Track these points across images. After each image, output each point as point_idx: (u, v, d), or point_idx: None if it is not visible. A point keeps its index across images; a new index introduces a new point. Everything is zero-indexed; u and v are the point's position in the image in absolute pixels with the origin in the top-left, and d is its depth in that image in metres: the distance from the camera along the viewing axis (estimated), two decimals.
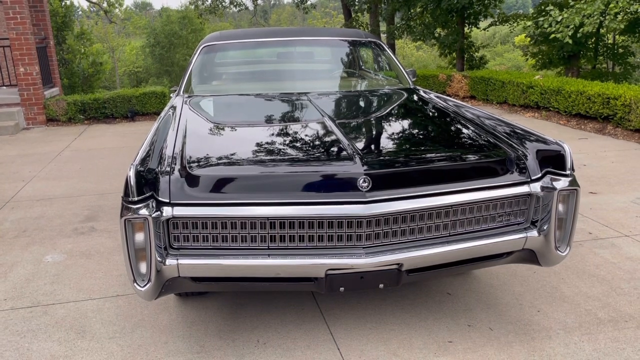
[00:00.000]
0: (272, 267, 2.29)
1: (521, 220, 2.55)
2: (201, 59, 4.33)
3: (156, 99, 10.38)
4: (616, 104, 7.60)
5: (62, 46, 15.55)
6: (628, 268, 3.43)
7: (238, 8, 21.71)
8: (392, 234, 2.35)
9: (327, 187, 2.31)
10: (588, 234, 3.98)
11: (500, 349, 2.61)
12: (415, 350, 2.62)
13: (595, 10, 8.49)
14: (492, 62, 29.08)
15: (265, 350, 2.65)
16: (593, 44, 14.54)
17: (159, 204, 2.24)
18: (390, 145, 2.82)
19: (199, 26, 32.20)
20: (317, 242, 2.33)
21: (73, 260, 3.77)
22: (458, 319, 2.89)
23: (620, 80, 13.79)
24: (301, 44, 4.68)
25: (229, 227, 2.31)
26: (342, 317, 2.93)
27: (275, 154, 2.65)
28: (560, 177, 2.49)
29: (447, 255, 2.40)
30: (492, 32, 32.72)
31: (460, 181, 2.42)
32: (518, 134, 2.79)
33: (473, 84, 11.42)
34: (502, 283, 3.27)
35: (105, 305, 3.13)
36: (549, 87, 9.00)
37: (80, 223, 4.51)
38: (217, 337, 2.77)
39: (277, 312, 2.99)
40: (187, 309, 3.05)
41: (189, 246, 2.34)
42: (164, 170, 2.35)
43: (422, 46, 32.68)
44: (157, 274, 2.25)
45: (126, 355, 2.64)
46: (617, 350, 2.58)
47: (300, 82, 4.27)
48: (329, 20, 43.57)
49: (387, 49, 4.67)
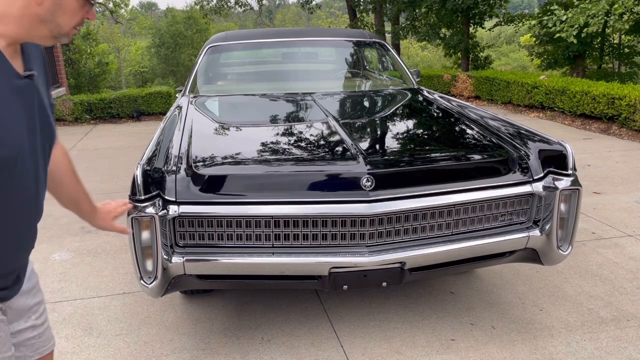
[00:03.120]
0: (276, 265, 2.32)
1: (523, 220, 2.57)
2: (207, 59, 4.37)
3: (162, 99, 10.43)
4: (621, 104, 7.59)
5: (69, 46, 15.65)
6: (631, 268, 3.44)
7: (243, 8, 21.76)
8: (395, 233, 2.38)
9: (331, 186, 2.34)
10: (591, 234, 3.99)
11: (503, 347, 2.63)
12: (418, 348, 2.64)
13: (600, 10, 8.48)
14: (497, 62, 29.01)
15: (270, 347, 2.68)
16: (599, 44, 14.49)
17: (166, 202, 2.27)
18: (393, 145, 2.85)
19: (204, 26, 32.29)
20: (321, 240, 2.35)
21: (80, 259, 3.82)
22: (461, 317, 2.91)
23: (626, 80, 13.74)
24: (306, 44, 4.71)
25: (234, 226, 2.34)
26: (345, 315, 2.95)
27: (279, 154, 2.68)
28: (563, 176, 2.51)
29: (450, 254, 2.42)
30: (497, 32, 32.65)
31: (463, 181, 2.44)
32: (520, 134, 2.81)
33: (478, 84, 11.42)
34: (504, 282, 3.29)
35: (112, 303, 3.17)
36: (554, 87, 8.99)
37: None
38: (222, 335, 2.80)
39: (281, 310, 3.02)
40: (192, 306, 3.09)
41: (195, 244, 2.37)
42: (170, 170, 2.39)
43: (427, 46, 32.64)
44: (163, 272, 2.29)
45: (132, 351, 2.68)
46: (619, 349, 2.59)
47: (304, 82, 4.30)
48: (334, 20, 43.59)
49: (391, 49, 4.69)
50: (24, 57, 1.23)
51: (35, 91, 1.23)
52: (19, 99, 1.17)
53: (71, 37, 1.25)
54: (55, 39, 1.21)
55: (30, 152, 1.22)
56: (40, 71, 1.29)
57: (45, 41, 1.21)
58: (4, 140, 1.13)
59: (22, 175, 1.21)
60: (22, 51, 1.22)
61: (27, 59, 1.24)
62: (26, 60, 1.23)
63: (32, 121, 1.22)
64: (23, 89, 1.18)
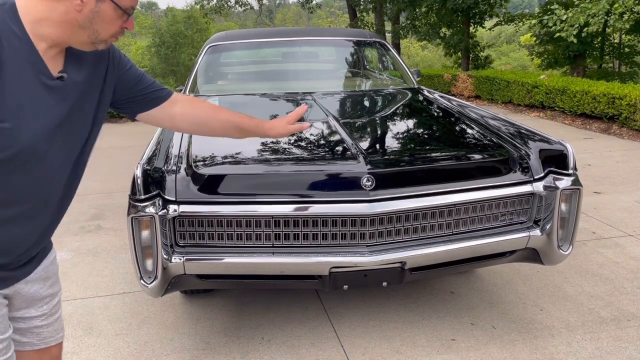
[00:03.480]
0: (276, 264, 2.32)
1: (524, 219, 2.57)
2: (207, 58, 4.36)
3: None
4: (621, 104, 7.58)
5: None
6: (632, 267, 3.44)
7: (243, 8, 21.77)
8: (395, 233, 2.37)
9: (331, 186, 2.34)
10: (592, 234, 3.99)
11: (503, 347, 2.63)
12: (419, 348, 2.64)
13: (600, 9, 8.48)
14: (497, 61, 29.00)
15: (270, 347, 2.68)
16: (599, 43, 14.50)
17: (166, 202, 2.27)
18: (394, 145, 2.85)
19: (204, 26, 32.28)
20: (321, 240, 2.35)
21: (80, 258, 3.81)
22: (461, 317, 2.91)
23: (627, 80, 13.74)
24: (306, 44, 4.70)
25: (234, 225, 2.34)
26: (346, 315, 2.95)
27: (279, 153, 2.68)
28: (563, 176, 2.50)
29: (450, 254, 2.42)
30: (497, 31, 32.61)
31: (463, 180, 2.44)
32: (521, 134, 2.81)
33: (478, 83, 11.42)
34: (505, 282, 3.28)
35: (112, 303, 3.17)
36: (554, 87, 8.99)
37: (87, 221, 4.55)
38: (222, 334, 2.80)
39: (282, 310, 3.02)
40: (192, 306, 3.09)
41: (195, 244, 2.37)
42: (170, 169, 2.39)
43: (428, 46, 32.62)
44: (163, 271, 2.28)
45: (132, 351, 2.68)
46: (620, 349, 2.59)
47: (305, 82, 4.30)
48: (334, 20, 43.59)
49: (391, 48, 4.68)
50: (66, 61, 1.30)
51: (72, 93, 1.30)
52: (48, 96, 1.24)
53: (109, 44, 1.34)
54: (94, 45, 1.28)
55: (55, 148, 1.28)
56: (92, 76, 1.37)
57: (84, 46, 1.28)
58: (19, 132, 1.19)
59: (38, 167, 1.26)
60: (66, 55, 1.30)
61: (69, 62, 1.30)
62: (67, 64, 1.30)
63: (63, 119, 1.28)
64: (54, 88, 1.25)
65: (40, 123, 1.23)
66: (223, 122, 1.66)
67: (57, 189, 1.35)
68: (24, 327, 1.47)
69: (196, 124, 1.63)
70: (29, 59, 1.20)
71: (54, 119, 1.26)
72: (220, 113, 1.67)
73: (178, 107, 1.60)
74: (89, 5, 1.22)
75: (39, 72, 1.22)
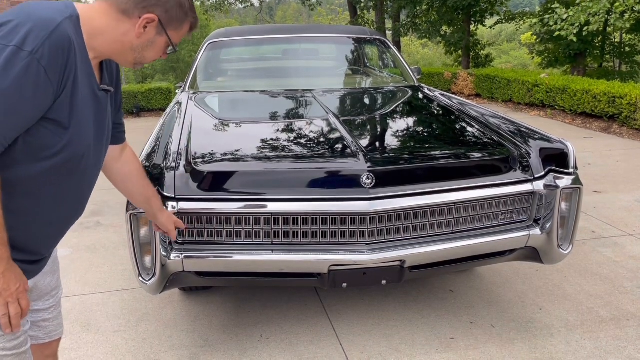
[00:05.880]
0: (275, 262, 2.31)
1: (524, 218, 2.56)
2: (207, 55, 4.35)
3: (161, 95, 10.42)
4: (622, 103, 7.58)
5: None
6: (631, 267, 3.43)
7: (244, 5, 21.74)
8: (395, 231, 2.36)
9: (331, 183, 2.33)
10: (592, 233, 3.98)
11: (502, 346, 2.62)
12: (418, 346, 2.63)
13: (601, 8, 8.46)
14: (498, 60, 28.98)
15: (269, 344, 2.67)
16: (599, 42, 14.49)
17: (165, 199, 2.26)
18: (394, 143, 2.84)
19: (204, 23, 32.19)
20: (321, 238, 2.34)
21: (79, 255, 3.81)
22: (460, 316, 2.90)
23: (627, 79, 13.73)
24: (306, 41, 4.69)
25: (233, 223, 2.33)
26: (344, 313, 2.95)
27: (279, 151, 2.67)
28: (564, 175, 2.50)
29: (450, 252, 2.41)
30: (498, 30, 32.59)
31: (464, 179, 2.43)
32: (522, 132, 2.80)
33: (478, 82, 11.41)
34: (504, 281, 3.28)
35: (111, 299, 3.16)
36: (555, 86, 8.98)
37: (85, 218, 4.54)
38: (221, 332, 2.79)
39: (281, 308, 3.01)
40: (191, 303, 3.08)
41: (194, 241, 2.36)
42: (169, 166, 2.38)
43: (428, 44, 32.59)
44: (161, 268, 2.28)
45: (131, 348, 2.67)
46: (619, 348, 2.59)
47: (305, 79, 4.28)
48: (335, 17, 43.55)
49: (392, 46, 4.67)
50: (102, 72, 1.40)
51: (108, 102, 1.42)
52: (96, 106, 1.35)
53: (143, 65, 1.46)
54: (135, 65, 1.40)
55: (93, 154, 1.39)
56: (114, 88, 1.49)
57: (126, 64, 1.39)
58: (80, 139, 1.29)
59: (84, 171, 1.37)
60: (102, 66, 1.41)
61: (104, 74, 1.41)
62: (103, 76, 1.41)
63: (101, 128, 1.40)
64: (100, 98, 1.37)
65: (92, 131, 1.33)
66: (146, 186, 1.80)
67: (89, 192, 1.46)
68: (31, 321, 1.50)
69: (121, 182, 1.72)
70: (87, 69, 1.28)
71: (99, 127, 1.37)
72: (145, 181, 1.79)
73: (123, 156, 1.69)
74: (148, 35, 1.33)
75: (92, 82, 1.31)
